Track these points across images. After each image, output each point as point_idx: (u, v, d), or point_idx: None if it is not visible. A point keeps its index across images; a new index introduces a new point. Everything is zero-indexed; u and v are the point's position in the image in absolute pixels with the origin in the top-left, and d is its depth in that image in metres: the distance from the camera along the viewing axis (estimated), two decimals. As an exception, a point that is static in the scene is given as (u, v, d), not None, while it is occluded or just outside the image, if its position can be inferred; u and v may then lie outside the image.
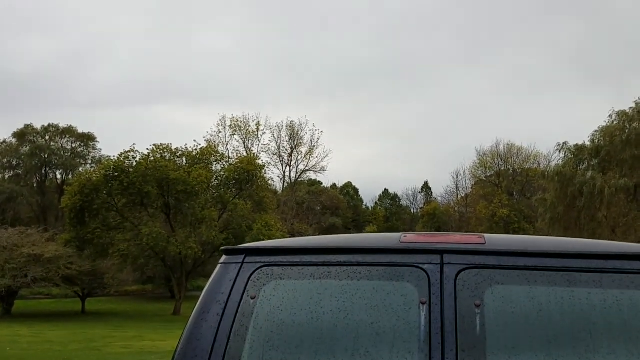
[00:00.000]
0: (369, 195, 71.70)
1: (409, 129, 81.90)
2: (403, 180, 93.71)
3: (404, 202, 70.71)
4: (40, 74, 74.05)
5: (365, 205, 70.81)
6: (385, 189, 70.85)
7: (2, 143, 54.96)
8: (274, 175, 53.34)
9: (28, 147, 54.66)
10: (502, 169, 52.93)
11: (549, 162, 45.08)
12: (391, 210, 69.43)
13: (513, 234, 47.79)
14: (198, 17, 79.84)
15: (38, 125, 55.27)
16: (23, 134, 54.60)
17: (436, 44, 78.65)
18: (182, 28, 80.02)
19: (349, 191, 68.92)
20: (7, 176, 55.62)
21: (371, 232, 60.07)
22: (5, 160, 55.52)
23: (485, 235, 2.27)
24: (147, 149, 34.30)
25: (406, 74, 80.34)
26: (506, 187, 51.75)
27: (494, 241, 2.20)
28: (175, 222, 33.75)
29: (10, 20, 75.16)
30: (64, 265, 30.90)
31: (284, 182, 55.81)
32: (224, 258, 2.22)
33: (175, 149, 34.91)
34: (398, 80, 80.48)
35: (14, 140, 55.13)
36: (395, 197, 70.81)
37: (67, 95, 76.89)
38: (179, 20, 79.87)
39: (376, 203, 70.68)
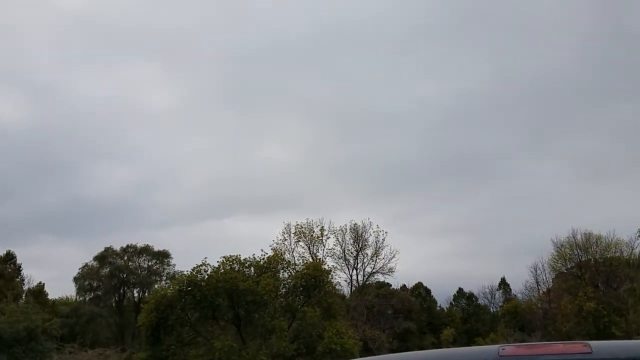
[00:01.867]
0: (442, 295, 68.71)
1: (478, 224, 79.91)
2: (477, 278, 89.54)
3: (481, 301, 67.36)
4: (116, 198, 79.69)
5: (440, 307, 67.82)
6: (460, 288, 67.99)
7: (84, 267, 57.95)
8: (341, 280, 52.63)
9: (108, 269, 57.20)
10: (583, 259, 49.90)
11: (632, 250, 42.33)
12: (468, 311, 66.09)
13: (603, 328, 43.63)
14: (257, 132, 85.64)
15: (117, 247, 58.30)
16: (103, 257, 57.41)
17: (497, 137, 78.68)
18: (243, 144, 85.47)
19: (421, 292, 66.58)
20: (87, 298, 58.07)
21: (449, 335, 57.16)
22: (87, 282, 58.15)
23: (590, 342, 2.06)
24: (218, 261, 35.07)
25: (471, 168, 79.88)
26: (590, 279, 48.48)
27: (601, 349, 1.98)
28: (245, 334, 33.49)
29: (83, 151, 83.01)
30: (140, 384, 30.97)
31: (351, 286, 54.82)
32: None
33: (243, 259, 35.45)
34: (463, 174, 79.95)
35: (95, 263, 57.95)
36: (471, 296, 67.63)
37: (142, 217, 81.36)
38: (239, 137, 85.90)
39: (451, 303, 67.66)
